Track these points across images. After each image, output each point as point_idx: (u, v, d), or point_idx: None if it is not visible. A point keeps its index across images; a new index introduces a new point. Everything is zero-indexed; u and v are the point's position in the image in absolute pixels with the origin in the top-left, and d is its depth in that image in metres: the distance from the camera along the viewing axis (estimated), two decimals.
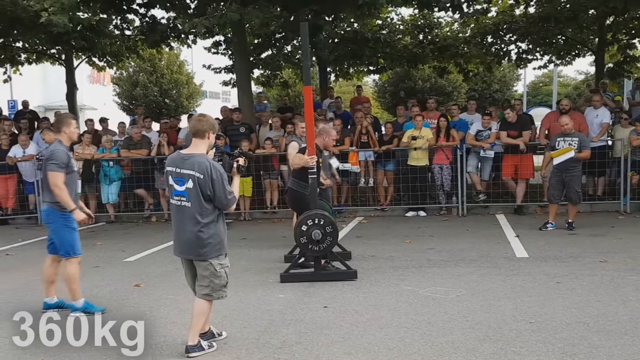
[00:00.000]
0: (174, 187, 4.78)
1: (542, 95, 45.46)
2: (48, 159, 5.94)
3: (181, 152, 4.93)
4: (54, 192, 5.90)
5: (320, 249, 7.05)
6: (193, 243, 4.77)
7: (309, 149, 7.18)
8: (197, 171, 4.67)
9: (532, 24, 16.85)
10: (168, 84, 31.87)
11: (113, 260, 8.78)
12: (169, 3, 13.75)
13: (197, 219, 4.73)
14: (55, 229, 6.06)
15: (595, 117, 11.73)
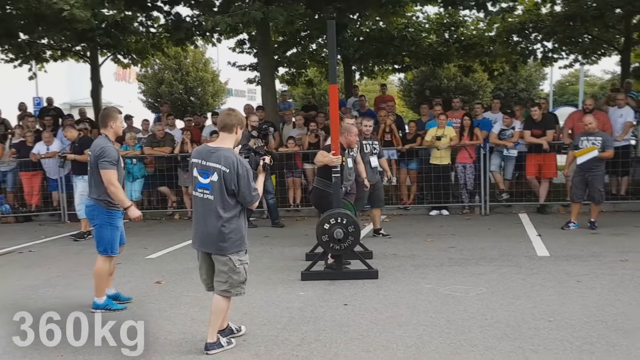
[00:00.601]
0: (198, 179, 4.79)
1: (568, 94, 44.94)
2: (99, 156, 5.90)
3: (208, 145, 4.95)
4: (109, 190, 5.90)
5: (341, 248, 7.09)
6: (214, 237, 4.78)
7: (334, 148, 7.22)
8: (223, 165, 4.68)
9: (558, 22, 16.71)
10: (193, 82, 32.07)
11: (135, 257, 8.87)
12: (194, 1, 13.86)
13: (220, 213, 4.73)
14: (99, 225, 6.10)
15: (619, 116, 11.64)
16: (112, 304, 6.21)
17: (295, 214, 12.55)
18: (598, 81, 43.05)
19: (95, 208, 6.06)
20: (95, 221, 6.13)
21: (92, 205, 6.10)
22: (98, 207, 6.03)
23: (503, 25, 18.08)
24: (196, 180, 4.81)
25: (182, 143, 12.59)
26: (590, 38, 18.31)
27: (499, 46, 18.51)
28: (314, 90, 27.31)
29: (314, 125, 12.69)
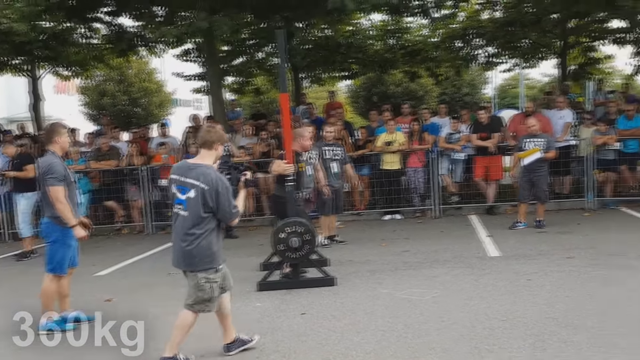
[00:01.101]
0: (176, 195, 4.75)
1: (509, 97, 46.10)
2: (45, 172, 5.80)
3: (188, 161, 4.93)
4: (56, 207, 5.79)
5: (298, 257, 7.09)
6: (184, 253, 4.75)
7: (287, 156, 7.23)
8: (202, 182, 4.63)
9: (498, 28, 17.18)
10: (137, 93, 31.49)
11: (83, 275, 8.44)
12: (136, 12, 13.66)
13: (191, 230, 4.69)
14: (52, 242, 5.97)
15: (559, 118, 12.03)
16: (61, 325, 6.00)
17: (249, 223, 12.47)
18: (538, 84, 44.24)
19: (50, 225, 5.94)
20: (49, 239, 6.00)
21: (47, 222, 5.98)
22: (53, 224, 5.92)
23: (446, 32, 18.46)
24: (175, 196, 4.77)
25: (129, 156, 12.36)
26: (529, 43, 18.88)
27: (442, 52, 18.89)
28: (262, 98, 27.24)
29: (265, 134, 12.68)
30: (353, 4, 11.33)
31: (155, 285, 7.93)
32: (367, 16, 17.18)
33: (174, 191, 4.77)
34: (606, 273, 6.87)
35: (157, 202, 12.55)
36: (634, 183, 11.77)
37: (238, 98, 21.82)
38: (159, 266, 9.02)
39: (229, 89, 20.69)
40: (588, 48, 18.57)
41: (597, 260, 7.50)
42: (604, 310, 5.61)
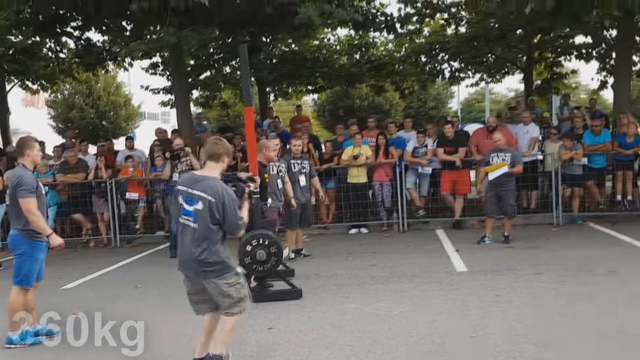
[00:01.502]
0: (183, 207, 4.77)
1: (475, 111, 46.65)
2: (16, 185, 5.80)
3: (195, 173, 5.00)
4: (29, 219, 5.78)
5: (264, 269, 7.03)
6: (194, 262, 4.73)
7: (251, 169, 7.20)
8: (209, 194, 4.65)
9: (463, 43, 17.44)
10: (105, 106, 31.28)
11: (50, 288, 8.34)
12: (105, 26, 13.56)
13: (200, 241, 4.69)
14: (19, 255, 5.93)
15: (525, 132, 12.17)
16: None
17: None
18: (503, 98, 44.96)
19: (18, 238, 5.91)
20: (16, 251, 5.96)
21: (15, 235, 5.95)
22: (21, 237, 5.90)
23: (411, 46, 18.65)
24: (181, 207, 4.79)
25: (96, 169, 12.23)
26: (494, 57, 19.19)
27: (408, 66, 19.08)
28: (229, 112, 27.15)
29: (232, 147, 12.56)
30: (320, 19, 11.40)
31: (123, 297, 7.84)
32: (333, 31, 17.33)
33: (181, 202, 4.79)
34: (574, 289, 6.91)
35: (124, 215, 12.47)
36: (601, 198, 11.91)
37: (205, 112, 21.68)
38: (127, 279, 9.00)
39: (195, 102, 20.59)
40: (553, 63, 18.93)
41: (565, 276, 7.53)
42: (573, 326, 5.63)
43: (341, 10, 11.76)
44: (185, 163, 10.43)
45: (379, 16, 14.19)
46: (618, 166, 11.74)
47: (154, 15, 11.65)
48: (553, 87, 19.30)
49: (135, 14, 11.31)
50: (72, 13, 13.40)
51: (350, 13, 12.09)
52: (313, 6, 11.22)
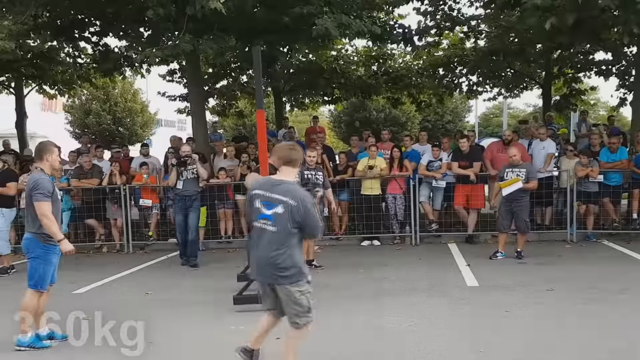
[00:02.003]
0: (260, 210, 4.77)
1: (492, 126, 46.55)
2: (33, 188, 5.86)
3: (271, 177, 5.04)
4: (42, 222, 5.82)
5: None
6: (272, 267, 4.74)
7: (262, 171, 7.27)
8: (290, 198, 4.67)
9: (482, 57, 17.38)
10: (122, 112, 31.55)
11: (61, 293, 8.38)
12: (122, 32, 13.69)
13: (279, 245, 4.71)
14: (33, 258, 5.97)
15: (541, 148, 12.08)
16: (37, 342, 5.98)
17: (227, 245, 12.37)
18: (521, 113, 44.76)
19: (33, 241, 5.96)
20: (30, 254, 6.01)
21: (29, 238, 6.00)
22: (35, 240, 5.94)
23: (429, 59, 18.63)
24: (259, 211, 4.79)
25: (111, 175, 12.30)
26: (513, 72, 19.10)
27: (425, 79, 19.04)
28: (245, 121, 27.29)
29: (246, 157, 12.63)
30: (337, 31, 11.41)
31: (133, 304, 7.83)
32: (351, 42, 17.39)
33: (258, 206, 4.79)
34: (586, 307, 6.82)
35: (137, 222, 12.52)
36: (616, 216, 11.77)
37: (221, 120, 21.82)
38: (137, 285, 8.99)
39: (211, 111, 20.70)
40: (572, 79, 18.80)
41: (577, 294, 7.44)
42: (583, 344, 5.54)
43: (359, 21, 11.79)
44: (191, 171, 10.35)
45: (396, 28, 14.22)
46: (634, 184, 11.60)
47: (171, 22, 11.76)
48: (571, 103, 19.15)
49: (152, 20, 11.41)
50: (90, 18, 13.55)
51: (368, 25, 12.10)
52: (331, 17, 11.25)
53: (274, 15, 12.06)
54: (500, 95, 21.42)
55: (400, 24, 14.51)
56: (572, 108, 19.66)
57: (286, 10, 11.88)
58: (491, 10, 14.86)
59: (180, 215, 10.42)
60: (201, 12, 10.48)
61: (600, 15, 10.54)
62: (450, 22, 16.11)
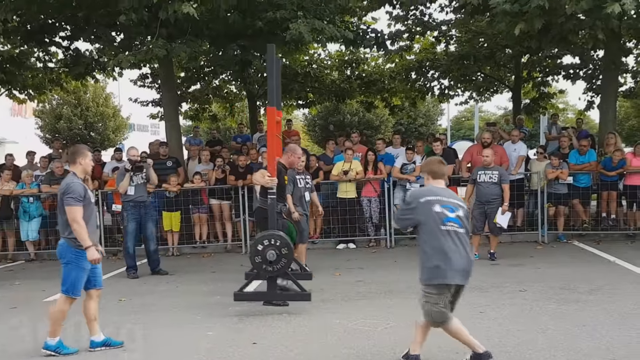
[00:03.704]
0: (445, 214, 4.93)
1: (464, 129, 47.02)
2: (65, 192, 5.80)
3: (433, 185, 5.19)
4: (72, 228, 5.76)
5: (274, 270, 7.08)
6: (469, 268, 5.00)
7: (270, 170, 7.30)
8: (462, 203, 5.08)
9: (453, 61, 17.60)
10: (94, 117, 31.20)
11: (32, 301, 8.39)
12: (94, 36, 13.57)
13: (469, 245, 5.03)
14: (65, 264, 5.90)
15: (513, 150, 12.25)
16: (63, 347, 5.94)
17: (202, 250, 12.32)
18: (492, 116, 45.34)
19: (65, 247, 5.89)
20: (63, 260, 5.93)
21: (62, 244, 5.93)
22: (67, 246, 5.87)
23: (402, 63, 18.80)
24: (442, 215, 4.94)
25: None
26: (483, 76, 19.37)
27: (398, 83, 19.20)
28: (219, 125, 27.19)
29: (220, 161, 12.60)
30: (310, 35, 11.45)
31: (105, 311, 7.68)
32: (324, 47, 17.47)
33: (439, 210, 4.94)
34: (558, 307, 6.92)
35: (110, 228, 12.37)
36: (586, 217, 11.99)
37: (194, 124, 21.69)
38: (111, 292, 8.79)
39: (185, 115, 20.59)
40: (541, 83, 19.12)
41: (548, 294, 7.56)
42: (555, 345, 5.63)
43: (332, 26, 11.85)
44: (141, 176, 10.00)
45: (369, 33, 14.32)
46: (603, 186, 11.84)
47: (143, 27, 11.69)
48: (541, 106, 19.47)
49: (125, 25, 11.34)
50: (61, 23, 13.40)
51: (341, 29, 12.18)
52: (304, 22, 11.29)
53: (247, 20, 12.07)
54: (472, 98, 21.73)
55: (372, 29, 14.62)
56: (542, 111, 20.00)
57: (260, 15, 11.90)
58: (461, 15, 15.03)
59: (133, 223, 10.02)
60: (174, 16, 10.44)
61: (568, 21, 10.74)
62: (422, 26, 16.28)
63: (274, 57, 7.45)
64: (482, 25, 15.74)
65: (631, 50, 16.94)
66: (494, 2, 10.12)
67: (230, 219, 12.44)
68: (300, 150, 8.40)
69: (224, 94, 20.56)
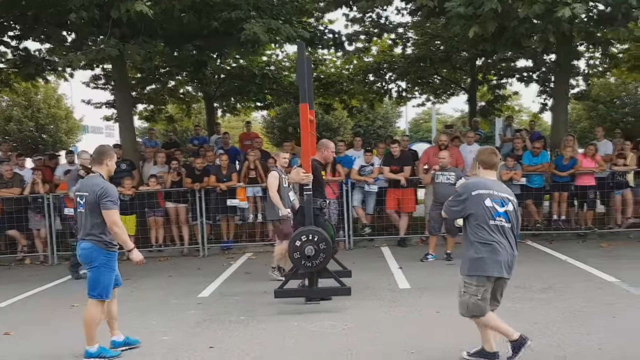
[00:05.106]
0: (495, 209, 4.95)
1: (422, 131, 47.47)
2: (101, 195, 5.64)
3: (487, 178, 5.16)
4: (113, 231, 5.67)
5: (313, 265, 7.08)
6: (512, 263, 5.03)
7: (304, 166, 7.36)
8: (512, 197, 5.09)
9: (410, 64, 17.75)
10: (45, 119, 30.43)
11: None
12: (44, 36, 13.23)
13: (515, 240, 5.05)
14: (96, 267, 5.72)
15: (468, 152, 12.38)
16: (106, 351, 5.82)
17: (158, 254, 12.12)
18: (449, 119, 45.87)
19: (95, 250, 5.71)
20: (93, 264, 5.73)
21: (90, 247, 5.72)
22: (97, 249, 5.70)
23: (359, 65, 18.88)
24: (492, 210, 4.97)
25: (33, 183, 11.84)
26: (440, 79, 19.57)
27: (356, 85, 19.26)
28: (175, 126, 26.84)
29: (176, 163, 12.41)
30: (266, 36, 11.38)
31: (58, 318, 7.60)
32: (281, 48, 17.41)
33: (490, 205, 4.96)
34: (512, 305, 6.99)
35: (61, 232, 12.07)
36: (539, 217, 12.20)
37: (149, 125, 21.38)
38: (63, 298, 8.70)
39: (140, 116, 20.28)
40: (496, 85, 19.42)
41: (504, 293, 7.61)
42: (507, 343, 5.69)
43: (288, 27, 11.80)
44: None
45: (326, 34, 14.33)
46: (555, 186, 12.06)
47: (95, 26, 11.46)
48: (496, 108, 19.77)
49: (75, 23, 11.09)
50: (9, 22, 13.04)
51: (298, 30, 12.14)
52: (260, 22, 11.22)
53: (202, 20, 11.93)
54: (429, 101, 21.94)
55: (330, 30, 14.64)
56: (497, 114, 20.31)
57: (215, 15, 11.78)
58: (418, 18, 15.17)
59: None
60: (126, 15, 10.23)
61: (520, 24, 10.93)
62: (379, 29, 16.38)
63: (304, 56, 7.53)
64: (438, 28, 15.92)
65: (582, 54, 17.35)
66: (448, 5, 10.23)
67: (186, 222, 12.28)
68: (333, 145, 8.44)
69: (180, 95, 20.31)
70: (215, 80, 18.59)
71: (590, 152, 12.08)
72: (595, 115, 27.03)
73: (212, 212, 12.15)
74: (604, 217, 12.55)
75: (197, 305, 7.83)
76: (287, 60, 19.77)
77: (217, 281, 9.34)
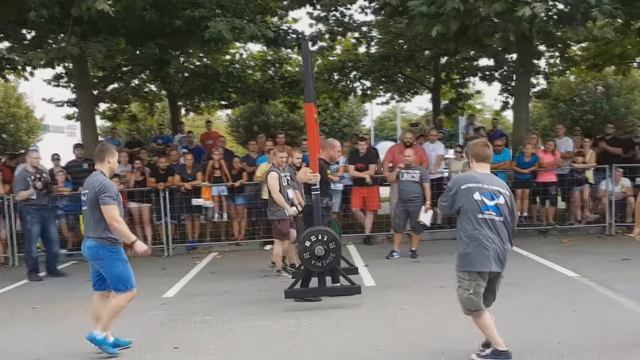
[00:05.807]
0: (483, 202, 4.92)
1: (387, 129, 47.73)
2: (100, 191, 5.62)
3: (477, 170, 5.14)
4: (113, 226, 5.64)
5: (322, 265, 7.09)
6: (502, 256, 4.96)
7: (312, 166, 7.36)
8: (505, 189, 5.03)
9: (374, 62, 17.85)
10: (5, 118, 29.82)
11: None
12: (3, 33, 12.97)
13: (508, 233, 4.99)
14: (108, 264, 5.68)
15: (432, 150, 12.51)
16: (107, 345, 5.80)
17: None
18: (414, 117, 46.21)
19: (100, 248, 5.68)
20: (103, 261, 5.70)
21: (95, 245, 5.68)
22: (103, 246, 5.66)
23: (324, 63, 18.91)
24: (481, 203, 4.94)
25: None
26: (404, 77, 19.71)
27: (321, 83, 19.29)
28: (139, 125, 26.53)
29: (139, 163, 12.27)
30: (230, 34, 11.33)
31: (18, 320, 7.47)
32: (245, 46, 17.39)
33: (478, 198, 4.93)
34: None
35: (21, 233, 11.81)
36: None
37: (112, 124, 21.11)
38: (24, 300, 8.55)
39: (102, 115, 20.00)
40: (459, 84, 19.65)
41: None
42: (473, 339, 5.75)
43: (252, 25, 11.77)
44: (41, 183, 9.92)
45: (290, 33, 14.32)
46: (517, 184, 12.25)
47: (56, 24, 11.26)
48: (459, 107, 20.00)
49: (35, 21, 10.89)
50: None
51: (262, 29, 12.11)
52: (223, 21, 11.16)
53: (165, 18, 11.81)
54: (393, 99, 22.08)
55: (293, 29, 14.64)
56: (460, 112, 20.55)
57: (178, 13, 11.67)
58: (381, 17, 15.25)
59: (38, 226, 10.05)
60: (87, 13, 10.08)
61: (482, 23, 11.07)
62: (343, 27, 16.43)
63: (309, 54, 7.52)
64: (401, 27, 16.02)
65: (542, 53, 17.66)
66: (411, 4, 10.31)
67: (150, 222, 12.14)
68: (339, 144, 8.51)
69: (143, 94, 20.08)
70: (179, 78, 18.43)
71: (550, 147, 12.33)
72: (555, 114, 27.51)
73: (176, 211, 12.05)
74: (565, 214, 12.80)
75: (161, 305, 7.76)
76: (252, 59, 19.72)
77: (182, 281, 9.26)
